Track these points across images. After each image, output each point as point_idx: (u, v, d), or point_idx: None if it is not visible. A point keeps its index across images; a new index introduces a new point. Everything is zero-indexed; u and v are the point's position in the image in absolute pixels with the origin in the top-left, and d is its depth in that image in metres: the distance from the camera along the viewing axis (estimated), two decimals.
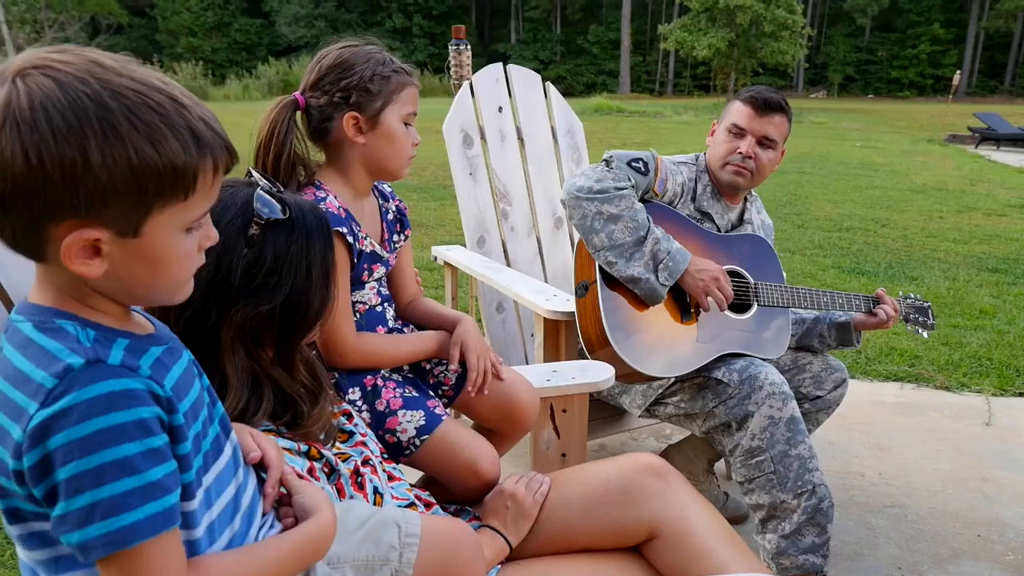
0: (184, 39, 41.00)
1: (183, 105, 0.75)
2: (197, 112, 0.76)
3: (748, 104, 2.12)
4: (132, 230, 0.74)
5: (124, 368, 0.74)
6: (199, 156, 0.75)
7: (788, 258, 5.80)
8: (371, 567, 1.00)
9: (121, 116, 0.70)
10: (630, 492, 1.32)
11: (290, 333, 1.11)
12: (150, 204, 0.73)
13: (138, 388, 0.74)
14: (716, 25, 29.08)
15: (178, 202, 0.75)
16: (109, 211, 0.72)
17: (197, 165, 0.75)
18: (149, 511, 0.72)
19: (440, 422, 1.45)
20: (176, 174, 0.73)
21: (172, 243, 0.77)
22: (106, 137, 0.69)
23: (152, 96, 0.73)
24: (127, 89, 0.72)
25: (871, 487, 2.67)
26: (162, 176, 0.72)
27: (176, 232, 0.77)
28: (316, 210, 1.15)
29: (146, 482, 0.72)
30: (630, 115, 20.99)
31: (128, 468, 0.71)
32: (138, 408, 0.73)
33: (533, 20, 46.90)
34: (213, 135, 0.77)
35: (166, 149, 0.72)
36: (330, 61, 1.44)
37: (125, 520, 0.70)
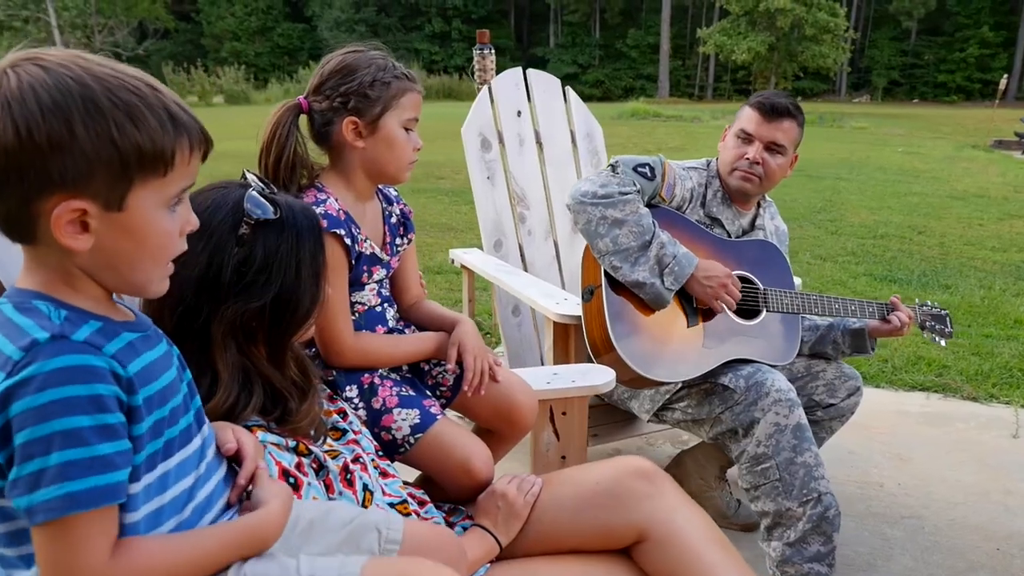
0: (228, 43, 41.78)
1: (159, 90, 0.82)
2: (172, 97, 0.82)
3: (756, 109, 2.11)
4: (117, 203, 0.80)
5: (87, 345, 0.79)
6: (176, 134, 0.81)
7: (819, 265, 5.72)
8: None
9: (102, 95, 0.77)
10: (619, 495, 1.32)
11: (280, 330, 1.14)
12: (132, 178, 0.79)
13: (98, 365, 0.78)
14: (756, 29, 28.78)
15: (158, 177, 0.81)
16: (94, 183, 0.77)
17: (174, 142, 0.81)
18: (91, 484, 0.75)
19: (434, 421, 1.47)
20: (155, 149, 0.79)
21: (154, 218, 0.83)
22: (88, 112, 0.76)
23: (130, 80, 0.80)
24: (107, 74, 0.79)
25: (889, 497, 2.63)
26: (142, 150, 0.79)
27: (158, 208, 0.83)
28: (307, 211, 1.18)
29: (92, 455, 0.75)
30: (667, 119, 20.85)
31: (77, 439, 0.75)
32: (95, 384, 0.77)
33: (572, 24, 46.84)
34: (188, 117, 0.83)
35: (145, 126, 0.79)
36: (332, 66, 1.47)
37: (67, 488, 0.74)
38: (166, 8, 37.34)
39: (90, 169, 0.77)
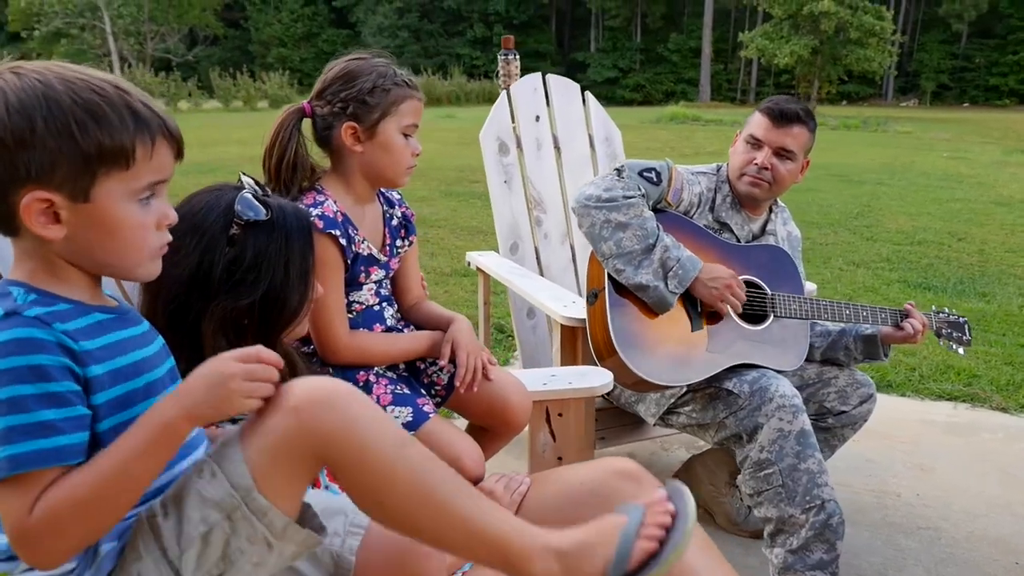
0: (275, 49, 42.53)
1: (125, 90, 0.87)
2: (138, 96, 0.88)
3: (766, 115, 2.11)
4: (83, 195, 0.85)
5: (36, 320, 0.84)
6: (136, 129, 0.86)
7: (851, 271, 5.64)
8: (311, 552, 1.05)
9: (65, 95, 0.83)
10: (604, 495, 1.33)
11: (269, 327, 1.18)
12: (95, 170, 0.85)
13: (43, 338, 0.83)
14: (799, 32, 28.37)
15: (121, 170, 0.86)
16: (58, 176, 0.84)
17: (135, 137, 0.86)
18: (34, 447, 0.81)
19: (426, 419, 1.50)
20: (115, 144, 0.85)
21: (122, 210, 0.88)
22: (50, 110, 0.83)
23: (95, 83, 0.86)
24: (75, 78, 0.85)
25: (906, 508, 2.59)
26: (102, 145, 0.84)
27: (125, 200, 0.88)
28: (299, 213, 1.22)
29: (34, 421, 0.81)
30: (706, 124, 20.67)
31: (19, 407, 0.80)
32: (38, 355, 0.82)
33: (613, 29, 46.72)
34: (151, 113, 0.88)
35: (106, 122, 0.84)
36: (335, 72, 1.51)
37: (10, 451, 0.80)
38: (216, 15, 38.18)
39: (53, 162, 0.83)
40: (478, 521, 0.94)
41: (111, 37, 32.37)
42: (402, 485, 0.92)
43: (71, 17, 32.01)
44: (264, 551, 0.91)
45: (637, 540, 0.97)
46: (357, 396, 0.94)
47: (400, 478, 0.92)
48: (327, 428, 0.89)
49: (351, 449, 0.90)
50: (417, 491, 0.92)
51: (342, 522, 1.08)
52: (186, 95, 22.47)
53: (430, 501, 0.93)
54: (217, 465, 0.90)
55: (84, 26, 32.51)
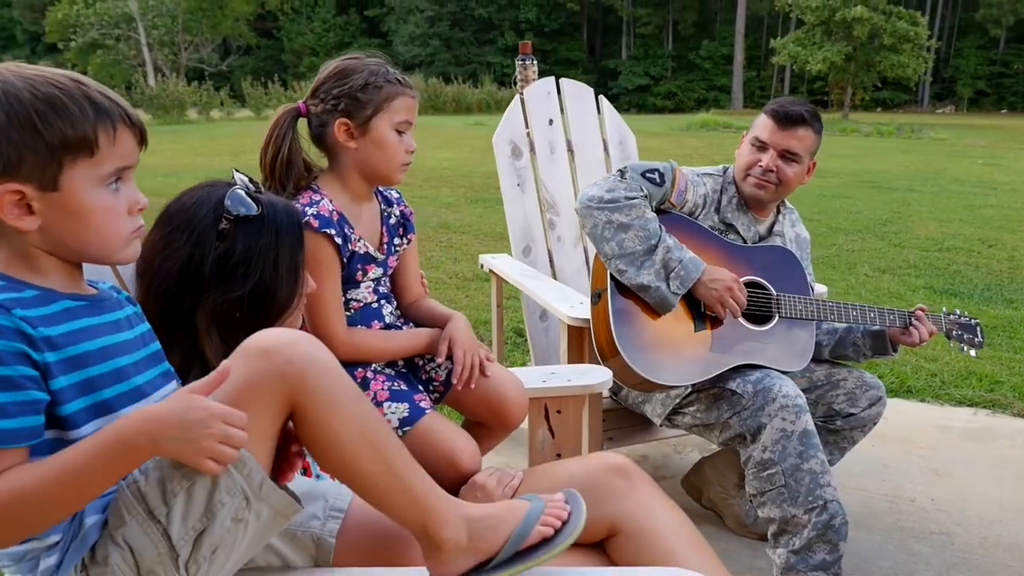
0: (307, 59, 43.04)
1: (83, 83, 0.92)
2: (96, 87, 0.92)
3: (771, 117, 2.11)
4: (51, 184, 0.90)
5: None
6: (96, 117, 0.91)
7: (877, 277, 5.58)
8: (292, 532, 1.09)
9: (25, 90, 0.88)
10: (593, 490, 1.35)
11: (260, 320, 1.21)
12: (60, 160, 0.89)
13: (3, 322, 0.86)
14: (832, 38, 28.05)
15: (86, 158, 0.91)
16: (26, 167, 0.88)
17: (96, 125, 0.91)
18: None
19: (423, 415, 1.53)
20: (77, 133, 0.89)
21: (91, 196, 0.92)
22: (11, 106, 0.87)
23: (54, 77, 0.91)
24: (35, 75, 0.90)
25: (920, 512, 2.56)
26: (64, 134, 0.89)
27: (93, 186, 0.92)
28: (290, 210, 1.26)
29: None
30: (738, 131, 20.49)
31: None
32: None
33: (644, 36, 46.60)
34: (111, 103, 0.92)
35: (66, 113, 0.89)
36: (329, 71, 1.56)
37: None
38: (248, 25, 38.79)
39: (19, 156, 0.87)
40: (413, 482, 1.03)
41: (146, 48, 33.04)
42: (357, 435, 0.98)
43: (107, 28, 32.72)
44: (242, 506, 0.95)
45: (536, 525, 1.06)
46: (319, 343, 1.00)
47: (357, 427, 0.99)
48: (299, 368, 0.95)
49: (320, 389, 0.96)
50: (368, 441, 1.00)
51: (322, 506, 1.12)
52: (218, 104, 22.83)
53: (376, 455, 1.00)
54: None
55: (119, 37, 33.20)
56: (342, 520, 1.12)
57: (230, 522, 0.95)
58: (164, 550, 0.92)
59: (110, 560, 0.92)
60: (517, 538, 1.05)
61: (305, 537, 1.10)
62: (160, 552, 0.92)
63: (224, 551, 0.95)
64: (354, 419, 0.99)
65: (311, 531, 1.10)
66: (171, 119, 20.48)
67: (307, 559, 1.11)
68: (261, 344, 0.96)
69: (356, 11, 46.32)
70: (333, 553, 1.11)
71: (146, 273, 1.21)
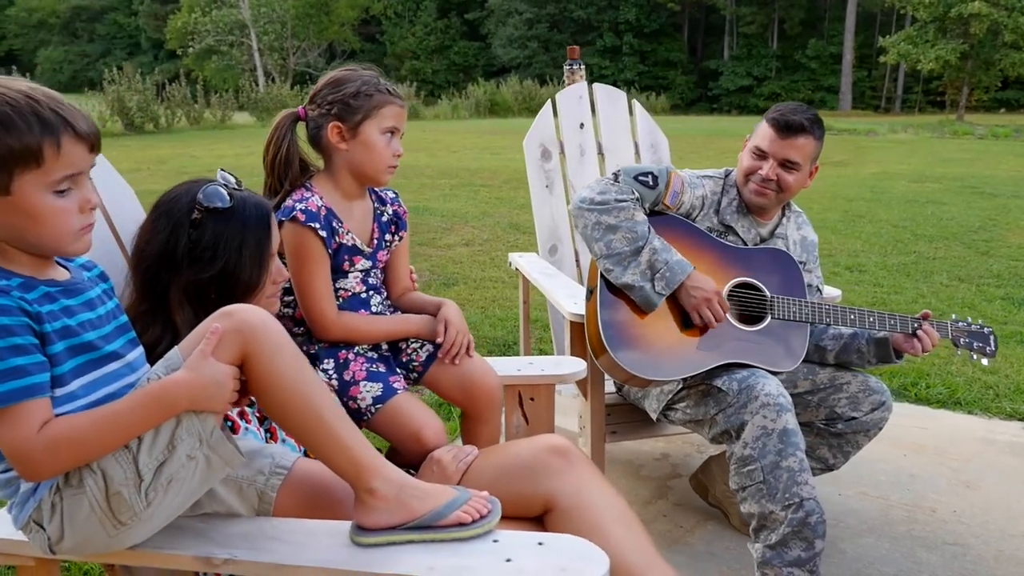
0: (408, 62, 44.16)
1: (35, 99, 1.06)
2: (48, 103, 1.06)
3: (771, 126, 2.14)
4: (4, 190, 1.05)
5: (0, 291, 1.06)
6: (42, 132, 1.04)
7: (953, 287, 5.37)
8: (239, 484, 1.24)
9: None
10: (533, 467, 1.46)
11: (227, 299, 1.36)
12: (11, 170, 1.04)
13: (6, 304, 1.04)
14: (947, 36, 26.64)
15: (33, 168, 1.05)
16: None
17: (41, 140, 1.04)
18: (11, 386, 1.02)
19: (394, 395, 1.67)
20: (23, 146, 1.04)
21: (41, 200, 1.07)
22: None
23: (8, 94, 1.05)
24: None
25: (937, 523, 2.52)
26: (11, 147, 1.03)
27: (42, 192, 1.07)
28: (260, 205, 1.42)
29: (8, 367, 1.02)
30: (838, 133, 19.85)
31: None
32: (3, 318, 1.03)
33: (748, 36, 45.43)
34: (58, 118, 1.06)
35: (13, 127, 1.03)
36: (326, 79, 1.72)
37: None
38: (353, 30, 40.13)
39: None
40: (345, 434, 1.19)
41: (257, 53, 34.70)
42: (293, 384, 1.16)
43: (221, 35, 34.57)
44: (196, 445, 1.12)
45: (458, 511, 1.19)
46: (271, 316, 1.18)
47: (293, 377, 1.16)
48: (250, 326, 1.14)
49: (265, 344, 1.14)
50: (302, 392, 1.16)
51: (269, 464, 1.27)
52: None
53: (309, 404, 1.16)
54: (164, 371, 1.13)
55: (233, 43, 35.02)
56: (285, 477, 1.26)
57: (185, 458, 1.12)
58: (131, 475, 1.09)
59: (84, 483, 1.09)
60: (436, 515, 1.18)
61: (250, 490, 1.26)
62: (127, 476, 1.09)
63: (177, 484, 1.12)
64: (291, 372, 1.16)
65: (256, 485, 1.25)
66: None
67: (250, 510, 1.26)
68: (226, 310, 1.16)
69: (456, 14, 47.12)
70: (273, 506, 1.26)
71: (135, 253, 1.44)
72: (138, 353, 1.25)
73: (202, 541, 1.18)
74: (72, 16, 52.21)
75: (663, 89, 39.37)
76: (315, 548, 1.16)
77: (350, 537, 1.17)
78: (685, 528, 2.48)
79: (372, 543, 1.16)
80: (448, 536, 1.16)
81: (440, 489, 1.23)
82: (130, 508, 1.10)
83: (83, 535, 1.12)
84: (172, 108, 20.08)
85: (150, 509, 1.11)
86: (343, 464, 1.19)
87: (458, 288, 5.20)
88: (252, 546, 1.16)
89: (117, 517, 1.10)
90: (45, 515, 1.12)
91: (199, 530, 1.21)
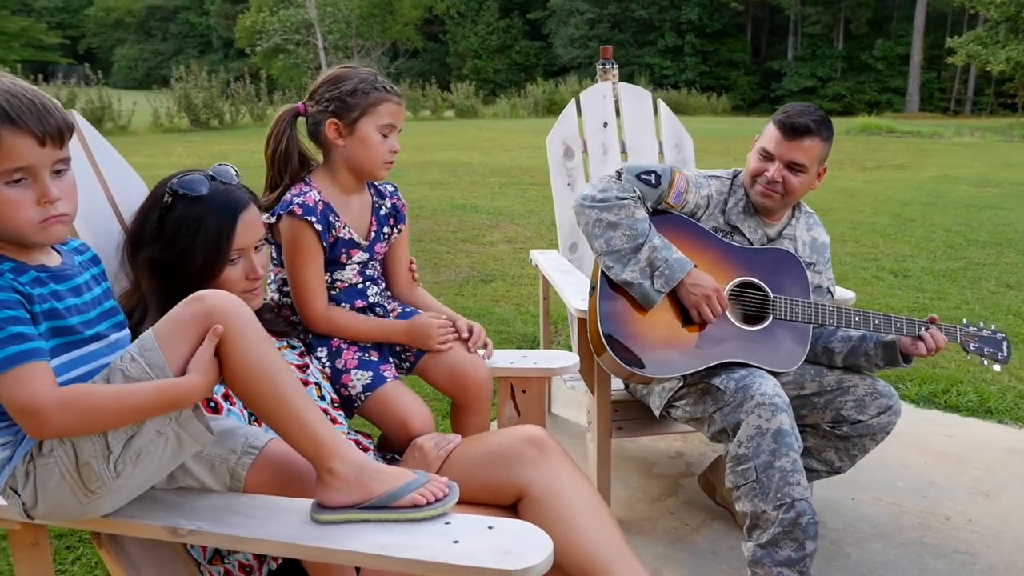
0: (470, 61, 44.45)
1: None
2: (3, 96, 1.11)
3: (777, 128, 2.14)
4: None
5: None
6: None
7: (1000, 294, 5.22)
8: (211, 462, 1.33)
9: None
10: (507, 456, 1.51)
11: (181, 282, 1.46)
12: None
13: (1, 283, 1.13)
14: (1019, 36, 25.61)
15: None
16: None
17: None
18: (13, 350, 1.10)
19: (384, 383, 1.75)
20: None
21: None
22: None
23: None
24: None
25: (950, 531, 2.49)
26: None
27: None
28: (230, 199, 1.51)
29: (9, 334, 1.10)
30: (901, 135, 19.29)
31: None
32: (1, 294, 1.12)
33: (813, 36, 44.41)
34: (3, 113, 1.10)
35: None
36: (325, 77, 1.79)
37: None
38: (416, 30, 40.58)
39: None
40: (307, 415, 1.24)
41: (322, 52, 35.38)
42: (258, 367, 1.21)
43: (288, 34, 35.35)
44: (165, 422, 1.19)
45: (413, 493, 1.23)
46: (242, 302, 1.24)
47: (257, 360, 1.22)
48: (219, 310, 1.20)
49: (232, 328, 1.20)
50: (268, 375, 1.22)
51: (241, 443, 1.34)
52: None
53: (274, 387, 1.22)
54: (138, 351, 1.20)
55: (299, 42, 35.77)
56: (255, 457, 1.33)
57: (154, 433, 1.19)
58: (100, 447, 1.17)
59: (55, 452, 1.17)
60: (392, 495, 1.23)
61: (222, 468, 1.33)
62: (96, 448, 1.17)
63: (147, 458, 1.20)
64: (257, 357, 1.22)
65: (228, 463, 1.32)
66: None
67: (223, 486, 1.33)
68: (196, 295, 1.23)
69: (519, 14, 47.24)
70: (244, 484, 1.33)
71: (129, 227, 1.59)
72: (121, 335, 1.32)
73: (171, 513, 1.25)
74: (147, 15, 54.04)
75: (724, 90, 38.81)
76: (275, 523, 1.22)
77: (310, 514, 1.23)
78: (691, 526, 2.50)
79: (329, 520, 1.21)
80: (402, 516, 1.21)
81: (398, 472, 1.28)
82: (99, 479, 1.17)
83: (55, 502, 1.20)
84: (236, 105, 20.65)
85: (119, 480, 1.19)
86: (305, 444, 1.24)
87: (495, 285, 5.27)
88: (217, 519, 1.24)
89: (87, 486, 1.18)
90: (19, 481, 1.20)
91: (171, 503, 1.29)
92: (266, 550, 1.25)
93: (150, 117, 18.55)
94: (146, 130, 18.04)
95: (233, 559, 1.50)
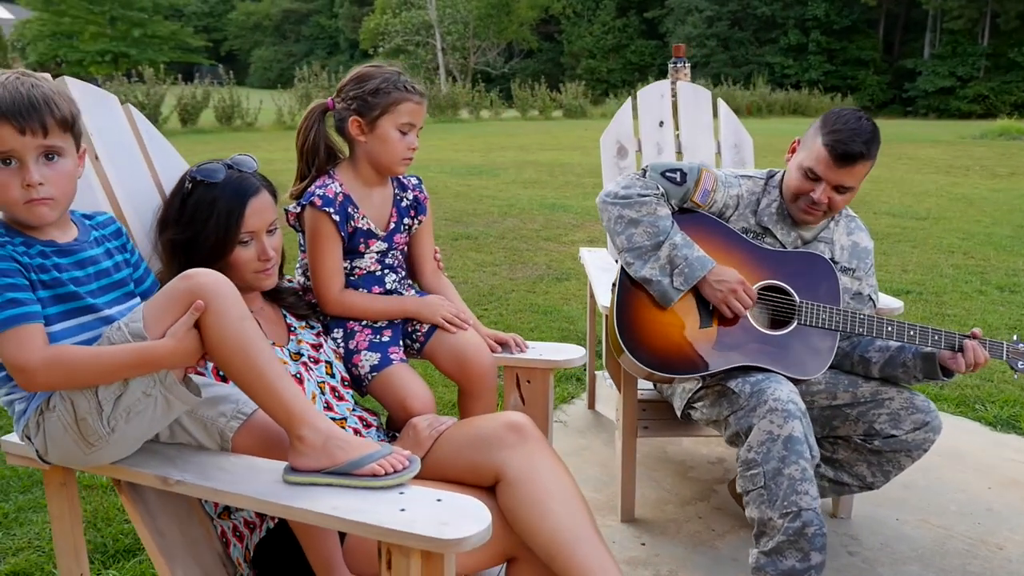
0: (584, 61, 44.36)
1: None
2: None
3: (829, 153, 2.02)
4: None
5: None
6: None
7: None
8: (204, 423, 1.45)
9: None
10: (489, 440, 1.56)
11: (200, 256, 1.60)
12: None
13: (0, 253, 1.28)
14: None
15: None
16: None
17: None
18: (9, 313, 1.24)
19: (390, 365, 1.84)
20: None
21: None
22: None
23: None
24: None
25: (1000, 562, 2.34)
26: None
27: None
28: (241, 187, 1.64)
29: (6, 299, 1.25)
30: None
31: None
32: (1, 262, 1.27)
33: (953, 32, 41.71)
34: None
35: None
36: (351, 75, 1.89)
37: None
38: (531, 30, 40.91)
39: None
40: (280, 387, 1.34)
41: (440, 53, 36.25)
42: (236, 341, 1.32)
43: (409, 35, 36.43)
44: (151, 384, 1.32)
45: (372, 463, 1.32)
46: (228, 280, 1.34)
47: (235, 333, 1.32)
48: (204, 286, 1.31)
49: (213, 303, 1.30)
50: (244, 348, 1.32)
51: (232, 408, 1.46)
52: (488, 104, 24.57)
53: (249, 359, 1.33)
54: (126, 321, 1.33)
55: (419, 43, 36.81)
56: (244, 422, 1.45)
57: (141, 394, 1.32)
58: (93, 405, 1.31)
59: (57, 408, 1.32)
60: (353, 464, 1.33)
61: (212, 429, 1.45)
62: (91, 406, 1.31)
63: (137, 416, 1.33)
64: (233, 330, 1.32)
65: (218, 425, 1.45)
66: (445, 118, 22.39)
67: (215, 445, 1.47)
68: (186, 272, 1.35)
69: (636, 13, 46.77)
70: (232, 445, 1.45)
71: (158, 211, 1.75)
72: (124, 307, 1.45)
73: (165, 464, 1.40)
74: (282, 19, 56.85)
75: (851, 90, 37.09)
76: (251, 481, 1.34)
77: (282, 475, 1.34)
78: (716, 532, 2.46)
79: (297, 481, 1.32)
80: (360, 484, 1.30)
81: (362, 442, 1.36)
82: (95, 432, 1.32)
83: (62, 450, 1.35)
84: None
85: (115, 435, 1.33)
86: (278, 412, 1.35)
87: (568, 283, 5.29)
88: (201, 473, 1.37)
89: (87, 439, 1.32)
90: (32, 431, 1.36)
91: (168, 456, 1.43)
92: (238, 503, 1.37)
93: (274, 115, 19.52)
94: (270, 127, 19.01)
95: (239, 516, 1.63)
